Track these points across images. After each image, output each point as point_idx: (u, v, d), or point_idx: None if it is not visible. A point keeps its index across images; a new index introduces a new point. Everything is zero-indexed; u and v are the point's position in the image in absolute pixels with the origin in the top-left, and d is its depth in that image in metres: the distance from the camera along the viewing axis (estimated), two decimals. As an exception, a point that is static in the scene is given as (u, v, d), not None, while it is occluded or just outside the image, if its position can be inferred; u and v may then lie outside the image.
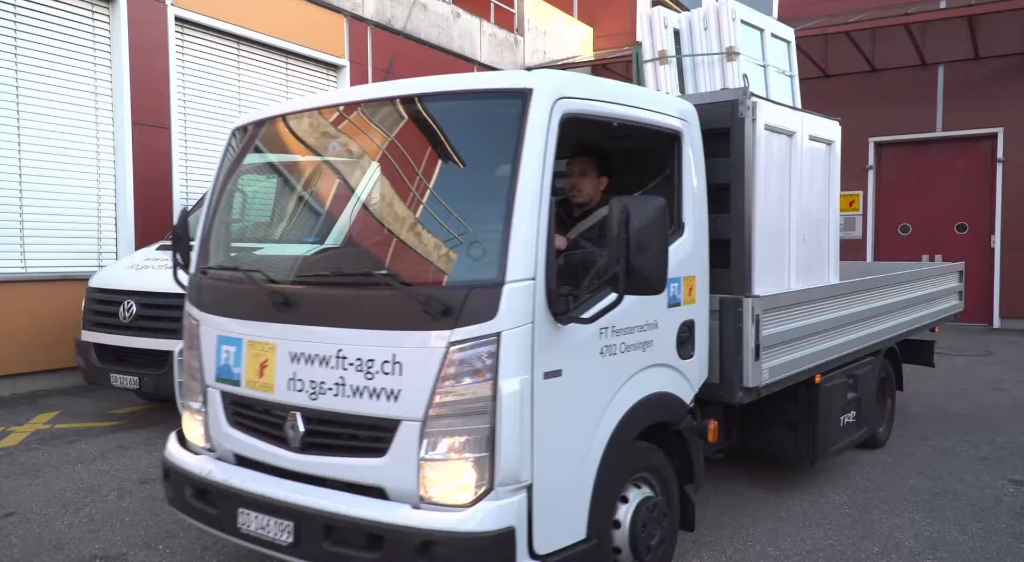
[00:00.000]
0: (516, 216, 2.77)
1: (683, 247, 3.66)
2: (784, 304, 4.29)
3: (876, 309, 5.56)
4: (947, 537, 4.30)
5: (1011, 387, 8.40)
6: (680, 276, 3.60)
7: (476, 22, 14.98)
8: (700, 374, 3.85)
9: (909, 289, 6.32)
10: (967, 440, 6.29)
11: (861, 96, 13.96)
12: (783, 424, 4.75)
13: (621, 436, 3.23)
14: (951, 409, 7.40)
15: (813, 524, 4.50)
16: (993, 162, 13.23)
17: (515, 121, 2.87)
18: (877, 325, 5.59)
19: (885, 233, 14.21)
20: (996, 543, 4.23)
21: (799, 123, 4.73)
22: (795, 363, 4.40)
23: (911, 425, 6.82)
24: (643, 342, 3.37)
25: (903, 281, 6.22)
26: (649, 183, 3.90)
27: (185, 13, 9.64)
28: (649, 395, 3.43)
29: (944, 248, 13.71)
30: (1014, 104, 12.93)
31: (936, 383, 8.54)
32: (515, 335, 2.73)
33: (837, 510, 4.73)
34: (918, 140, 13.79)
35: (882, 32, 13.09)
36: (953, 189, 13.68)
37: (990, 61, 13.07)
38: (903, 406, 7.42)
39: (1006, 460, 5.74)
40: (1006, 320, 13.09)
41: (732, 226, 4.05)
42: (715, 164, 3.97)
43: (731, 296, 3.98)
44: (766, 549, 4.15)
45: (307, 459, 3.05)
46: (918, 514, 4.65)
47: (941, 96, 13.53)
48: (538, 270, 2.78)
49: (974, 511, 4.70)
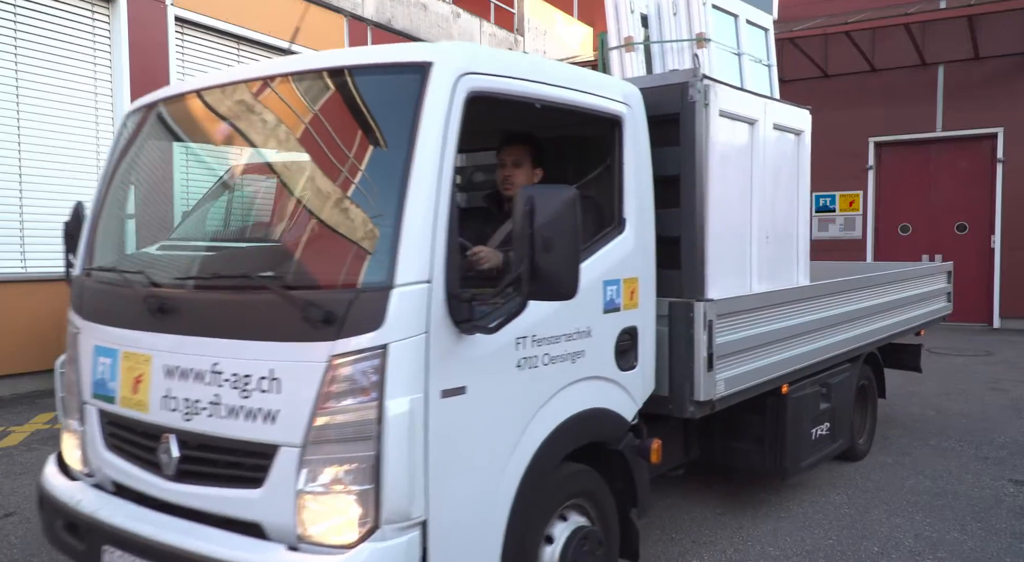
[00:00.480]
0: (409, 209, 2.35)
1: (623, 245, 3.26)
2: (742, 308, 3.83)
3: (852, 313, 5.09)
4: (947, 537, 4.26)
5: (1011, 387, 8.23)
6: (619, 278, 3.21)
7: (476, 22, 14.91)
8: (645, 387, 3.44)
9: (891, 291, 5.83)
10: (967, 440, 6.19)
11: (861, 96, 13.56)
12: (749, 437, 4.34)
13: (545, 459, 2.81)
14: (951, 409, 7.24)
15: (813, 524, 4.45)
16: (993, 162, 12.85)
17: (411, 100, 2.45)
18: (854, 330, 5.14)
19: (885, 233, 13.82)
20: (996, 543, 4.18)
21: (761, 110, 4.24)
22: (756, 373, 3.97)
23: (911, 425, 6.69)
24: (572, 352, 2.95)
25: (883, 283, 5.71)
26: (589, 174, 3.50)
27: (185, 13, 9.42)
28: (581, 412, 3.02)
29: (944, 248, 13.58)
30: (1014, 104, 12.54)
31: (936, 383, 8.36)
32: (405, 347, 2.32)
33: (837, 510, 4.67)
34: (918, 140, 13.40)
35: (882, 32, 12.87)
36: (953, 189, 13.29)
37: (990, 61, 12.69)
38: (903, 406, 7.37)
39: (1006, 460, 5.65)
40: (1006, 320, 12.73)
41: (683, 222, 3.60)
42: (664, 154, 3.54)
43: (681, 300, 3.54)
44: (766, 549, 4.11)
45: (182, 489, 2.61)
46: (918, 514, 4.60)
47: (941, 96, 13.12)
48: (435, 271, 2.37)
49: (974, 511, 4.64)
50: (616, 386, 3.24)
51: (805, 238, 4.82)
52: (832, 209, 14.07)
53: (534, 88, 2.90)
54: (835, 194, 14.03)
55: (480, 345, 2.56)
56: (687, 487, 4.98)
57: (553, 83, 3.00)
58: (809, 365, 4.52)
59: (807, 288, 4.63)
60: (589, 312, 3.06)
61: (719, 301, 3.62)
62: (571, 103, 3.08)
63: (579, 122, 3.28)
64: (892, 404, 7.31)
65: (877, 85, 13.48)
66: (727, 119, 3.88)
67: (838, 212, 14.02)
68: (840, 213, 14.01)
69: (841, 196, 13.99)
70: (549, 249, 2.41)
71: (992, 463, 5.59)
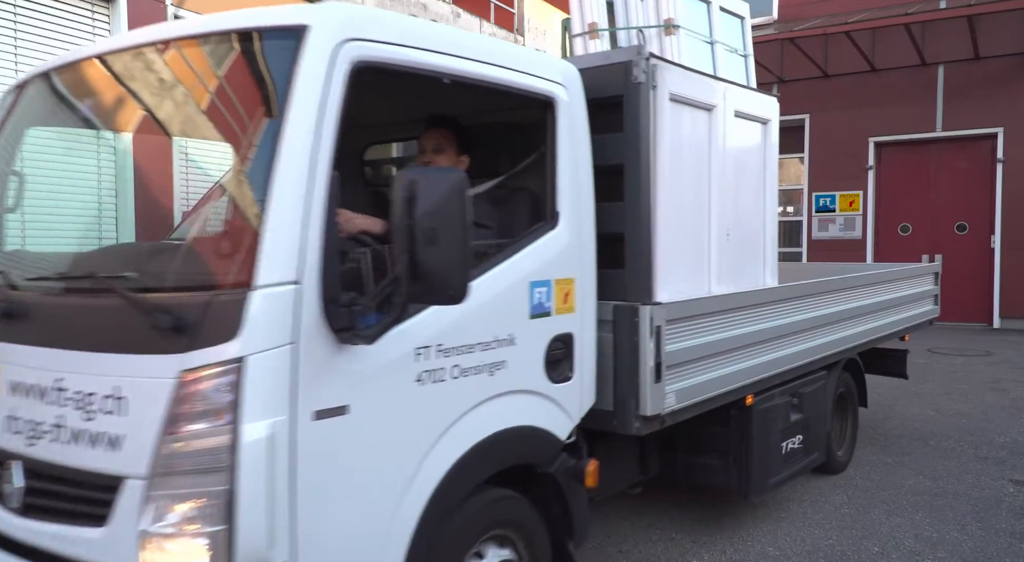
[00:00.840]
0: (274, 196, 1.96)
1: (556, 242, 2.89)
2: (696, 313, 3.42)
3: (826, 317, 4.63)
4: (947, 537, 4.20)
5: (1011, 387, 8.05)
6: (550, 279, 2.84)
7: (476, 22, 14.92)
8: (583, 400, 3.06)
9: (872, 294, 5.36)
10: (967, 440, 6.07)
11: (861, 96, 13.19)
12: (712, 452, 3.97)
13: (455, 486, 2.43)
14: (951, 409, 7.11)
15: (813, 524, 4.39)
16: (993, 162, 12.50)
17: (284, 70, 2.08)
18: (829, 335, 4.69)
19: (885, 233, 13.46)
20: (996, 543, 4.12)
21: (721, 96, 3.83)
22: (714, 384, 3.56)
23: (911, 425, 6.55)
24: (490, 364, 2.57)
25: (861, 285, 5.24)
26: (519, 163, 3.12)
27: (185, 13, 9.65)
28: (502, 431, 2.63)
29: (944, 248, 13.45)
30: (1014, 104, 12.18)
31: (936, 383, 8.23)
32: (266, 361, 1.93)
33: (837, 510, 4.60)
34: (918, 140, 13.04)
35: (882, 32, 12.58)
36: (953, 189, 12.93)
37: (990, 61, 12.32)
38: (903, 406, 7.21)
39: (1006, 460, 5.55)
40: (1006, 320, 12.41)
41: (626, 217, 3.18)
42: (606, 141, 3.16)
43: (625, 303, 3.13)
44: (766, 549, 4.05)
45: (27, 524, 2.21)
46: (918, 514, 4.53)
47: (941, 96, 12.74)
48: (307, 271, 1.98)
49: (974, 511, 4.57)
50: (547, 401, 2.87)
51: (773, 236, 4.38)
52: (832, 209, 13.90)
53: (444, 62, 2.47)
54: (835, 194, 13.78)
55: (368, 357, 2.17)
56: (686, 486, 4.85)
57: (468, 57, 2.57)
58: (777, 374, 4.10)
59: (773, 290, 4.18)
60: (511, 317, 2.68)
61: (668, 305, 3.20)
62: (492, 81, 2.66)
63: (513, 106, 2.90)
64: (892, 404, 7.24)
65: (877, 85, 13.34)
66: (679, 104, 3.46)
67: (838, 212, 13.87)
68: (840, 213, 13.87)
69: (841, 196, 13.85)
70: (432, 243, 2.03)
71: (992, 463, 5.48)
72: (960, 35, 12.22)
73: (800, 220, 14.31)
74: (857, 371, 5.66)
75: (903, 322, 5.96)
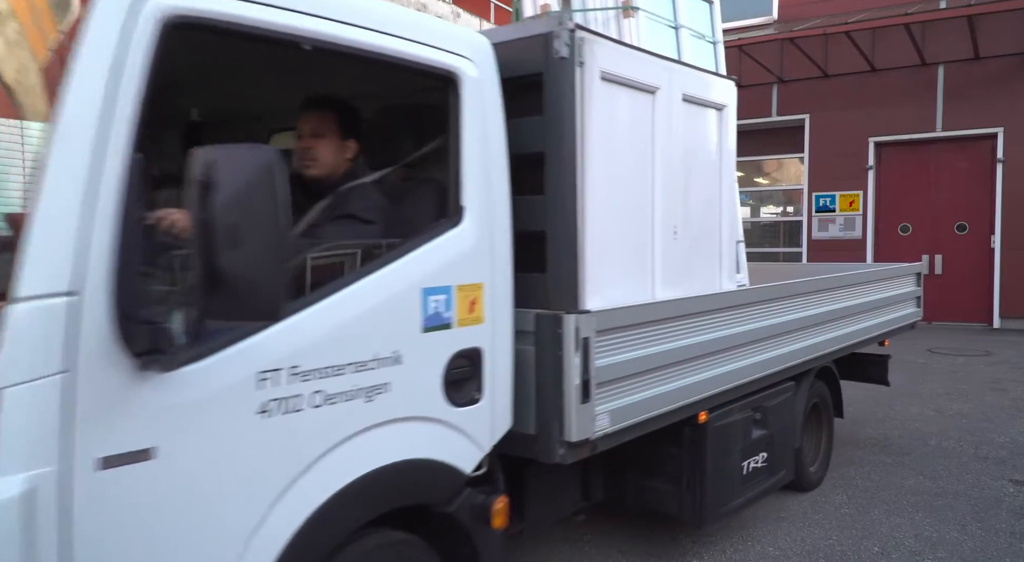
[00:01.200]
0: (46, 183, 1.53)
1: (458, 242, 2.45)
2: (632, 321, 2.93)
3: (793, 323, 4.16)
4: (947, 537, 4.14)
5: (1011, 387, 7.91)
6: (450, 285, 2.40)
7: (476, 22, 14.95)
8: (496, 425, 2.60)
9: (847, 296, 4.89)
10: (967, 440, 5.97)
11: (861, 96, 12.87)
12: (664, 475, 3.54)
13: (318, 537, 1.99)
14: (951, 409, 6.99)
15: (813, 524, 4.32)
16: (993, 162, 12.19)
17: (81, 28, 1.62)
18: (797, 342, 4.23)
19: (885, 233, 13.13)
20: (996, 543, 4.06)
21: (665, 77, 3.31)
22: (658, 401, 3.09)
23: (911, 425, 6.44)
24: (368, 387, 2.13)
25: (835, 287, 4.75)
26: (421, 151, 2.68)
27: None
28: (383, 468, 2.19)
29: (944, 248, 13.21)
30: (1014, 104, 11.86)
31: (936, 383, 8.10)
32: (22, 396, 1.49)
33: (837, 510, 4.53)
34: (918, 140, 12.73)
35: (882, 32, 12.11)
36: (953, 189, 12.61)
37: (990, 61, 12.00)
38: (903, 406, 7.07)
39: (1006, 460, 5.46)
40: (1006, 320, 12.13)
41: (547, 213, 2.72)
42: (525, 126, 2.70)
43: (548, 312, 2.67)
44: (766, 549, 3.99)
45: None
46: (918, 514, 4.46)
47: (941, 96, 12.42)
48: (88, 278, 1.54)
49: (974, 511, 4.50)
50: (446, 428, 2.43)
51: (731, 234, 3.90)
52: (832, 209, 13.64)
53: (292, 21, 1.98)
54: (835, 194, 13.44)
55: (186, 387, 1.72)
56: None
57: (327, 16, 2.08)
58: (735, 387, 3.64)
59: (728, 296, 3.69)
60: (397, 331, 2.23)
61: (599, 313, 2.74)
62: (374, 51, 2.20)
63: (413, 84, 2.46)
64: (892, 404, 7.11)
65: (877, 85, 13.10)
66: (613, 84, 2.99)
67: (838, 212, 13.63)
68: (840, 213, 13.67)
69: (841, 196, 13.67)
70: (235, 244, 1.59)
71: (992, 463, 5.40)
72: (960, 35, 12.14)
73: (800, 220, 14.16)
74: (832, 379, 5.21)
75: (882, 326, 5.48)
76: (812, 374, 4.72)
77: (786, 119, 13.94)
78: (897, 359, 9.48)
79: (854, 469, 5.29)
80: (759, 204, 15.42)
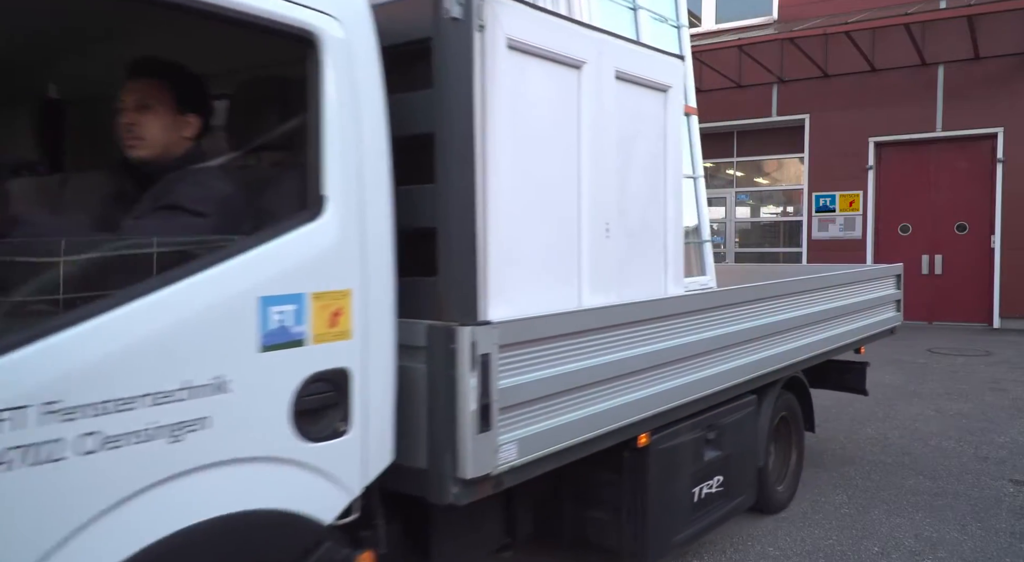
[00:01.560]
0: None
1: (316, 239, 1.99)
2: (545, 334, 2.44)
3: (754, 331, 3.69)
4: (947, 537, 4.08)
5: (1011, 387, 7.79)
6: (303, 292, 1.93)
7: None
8: (370, 461, 2.11)
9: (817, 300, 4.42)
10: (967, 440, 5.89)
11: (861, 96, 12.61)
12: (602, 504, 3.09)
13: None
14: (951, 409, 6.88)
15: (813, 524, 4.25)
16: (993, 162, 11.94)
17: None
18: (759, 352, 3.77)
19: (885, 233, 12.88)
20: (996, 543, 4.00)
21: (593, 50, 2.82)
22: (580, 426, 2.59)
23: (911, 425, 6.34)
24: (173, 425, 1.67)
25: (802, 291, 4.25)
26: (278, 128, 2.22)
27: None
28: (198, 525, 1.72)
29: (944, 248, 12.95)
30: (1014, 104, 11.60)
31: (936, 383, 7.96)
32: None
33: (837, 510, 4.46)
34: (918, 140, 12.48)
35: (882, 32, 11.75)
36: (953, 189, 12.36)
37: (990, 61, 11.73)
38: (903, 405, 6.94)
39: (1006, 460, 5.38)
40: (1006, 320, 11.90)
41: (438, 204, 2.27)
42: (411, 102, 2.26)
43: (440, 323, 2.20)
44: (766, 549, 3.94)
45: None
46: (918, 514, 4.39)
47: (941, 96, 12.15)
48: None
49: (974, 511, 4.44)
50: (297, 469, 1.95)
51: (677, 232, 3.41)
52: (832, 209, 13.31)
53: None
54: (835, 194, 13.07)
55: None
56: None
57: None
58: (684, 404, 3.18)
59: (670, 302, 3.17)
60: (220, 350, 1.77)
61: (504, 324, 2.28)
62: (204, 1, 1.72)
63: (281, 53, 2.04)
64: (892, 404, 7.02)
65: (877, 85, 12.77)
66: (524, 54, 2.53)
67: (838, 212, 13.31)
68: (840, 213, 13.39)
69: (841, 196, 13.40)
70: None
71: (992, 463, 5.32)
72: (960, 35, 12.05)
73: (800, 220, 13.99)
74: (802, 390, 4.71)
75: (858, 332, 5.00)
76: (779, 385, 4.25)
77: (786, 119, 13.87)
78: (897, 359, 9.48)
79: (854, 469, 5.25)
80: (759, 204, 15.37)
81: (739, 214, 15.19)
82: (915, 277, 13.06)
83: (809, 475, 4.97)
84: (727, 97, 14.00)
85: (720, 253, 15.33)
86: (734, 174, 15.17)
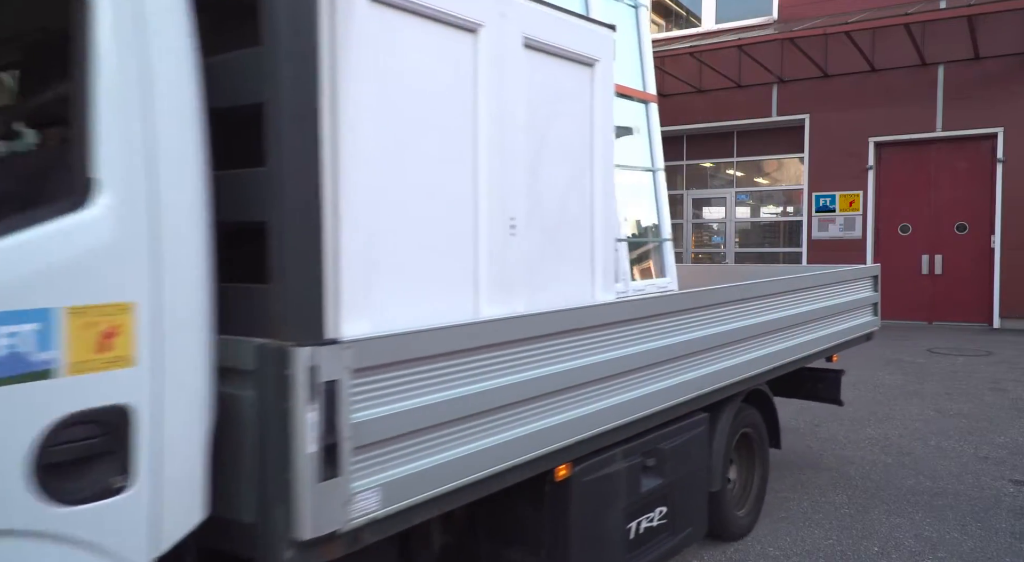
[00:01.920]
0: None
1: (80, 236, 1.54)
2: (415, 355, 1.98)
3: (702, 341, 3.24)
4: (947, 537, 4.08)
5: (1011, 387, 7.77)
6: (53, 305, 1.48)
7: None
8: (163, 524, 1.66)
9: (782, 305, 3.97)
10: (967, 440, 5.87)
11: (861, 96, 12.62)
12: (522, 542, 2.68)
13: None
14: (950, 409, 6.85)
15: (813, 524, 4.25)
16: (993, 162, 11.95)
17: None
18: (711, 364, 3.32)
19: (885, 233, 12.89)
20: (996, 543, 3.99)
21: (494, 10, 2.39)
22: (471, 463, 2.15)
23: (910, 424, 6.32)
24: None
25: (762, 295, 3.76)
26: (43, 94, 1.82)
27: None
28: None
29: (944, 248, 12.90)
30: (1014, 104, 11.61)
31: (936, 383, 7.93)
32: None
33: (837, 510, 4.45)
34: (918, 140, 12.48)
35: (882, 32, 11.76)
36: (953, 189, 12.37)
37: (990, 61, 11.75)
38: (903, 405, 6.89)
39: (1006, 460, 5.37)
40: (1006, 320, 11.91)
41: (268, 192, 1.80)
42: (238, 64, 1.85)
43: (272, 343, 1.76)
44: (766, 549, 3.93)
45: None
46: (918, 514, 4.39)
47: (941, 96, 12.16)
48: None
49: (974, 511, 4.43)
50: (49, 543, 1.49)
51: (607, 228, 2.93)
52: (832, 209, 13.24)
53: None
54: (835, 194, 13.06)
55: None
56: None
57: None
58: (613, 429, 2.71)
59: (588, 312, 2.64)
60: None
61: (359, 342, 1.84)
62: None
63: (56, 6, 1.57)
64: (893, 404, 7.00)
65: (877, 85, 12.68)
66: (394, 9, 2.09)
67: (838, 212, 13.24)
68: (840, 213, 13.32)
69: (841, 196, 13.34)
70: None
71: (992, 463, 5.31)
72: (960, 35, 12.05)
73: (800, 220, 13.99)
74: (765, 404, 4.23)
75: (830, 339, 4.56)
76: (738, 399, 3.79)
77: (786, 119, 13.87)
78: (897, 359, 9.48)
79: (854, 469, 5.24)
80: (759, 204, 15.38)
81: (739, 214, 15.19)
82: (915, 277, 13.05)
83: (809, 475, 4.97)
84: (727, 97, 14.01)
85: (720, 253, 15.33)
86: (734, 174, 15.17)
